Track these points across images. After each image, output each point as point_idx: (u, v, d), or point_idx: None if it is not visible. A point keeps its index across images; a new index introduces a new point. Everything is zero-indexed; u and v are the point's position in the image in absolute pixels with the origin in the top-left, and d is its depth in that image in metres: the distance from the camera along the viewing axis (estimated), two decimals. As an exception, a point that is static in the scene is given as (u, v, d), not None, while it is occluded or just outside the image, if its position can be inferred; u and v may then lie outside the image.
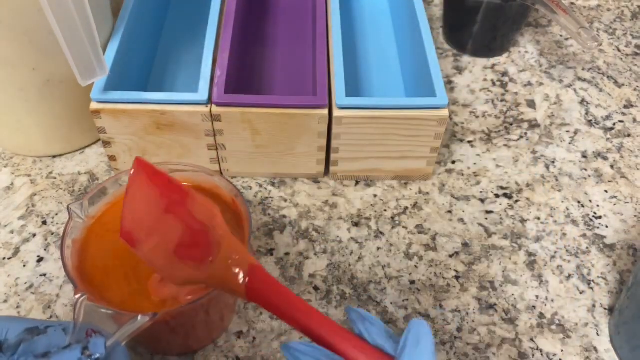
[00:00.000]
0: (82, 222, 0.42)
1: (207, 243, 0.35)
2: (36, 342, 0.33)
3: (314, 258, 0.51)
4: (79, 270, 0.39)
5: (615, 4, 0.78)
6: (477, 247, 0.52)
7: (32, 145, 0.56)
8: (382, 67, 0.63)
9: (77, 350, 0.31)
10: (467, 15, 0.66)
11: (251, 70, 0.62)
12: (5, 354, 0.32)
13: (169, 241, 0.36)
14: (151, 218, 0.36)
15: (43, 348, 0.32)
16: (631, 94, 0.66)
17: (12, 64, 0.48)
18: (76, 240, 0.41)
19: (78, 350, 0.31)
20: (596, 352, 0.46)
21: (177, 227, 0.36)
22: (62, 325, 0.34)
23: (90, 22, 0.44)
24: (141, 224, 0.36)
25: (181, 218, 0.36)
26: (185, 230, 0.36)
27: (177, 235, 0.36)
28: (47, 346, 0.33)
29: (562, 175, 0.58)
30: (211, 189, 0.44)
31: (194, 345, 0.45)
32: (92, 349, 0.32)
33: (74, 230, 0.41)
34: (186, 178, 0.45)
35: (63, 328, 0.34)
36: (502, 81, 0.67)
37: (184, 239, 0.36)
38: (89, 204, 0.42)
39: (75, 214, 0.41)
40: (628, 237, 0.54)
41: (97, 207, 0.43)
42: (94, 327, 0.33)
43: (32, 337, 0.33)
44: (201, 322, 0.42)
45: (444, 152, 0.59)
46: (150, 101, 0.50)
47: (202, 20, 0.59)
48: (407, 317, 0.47)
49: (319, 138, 0.52)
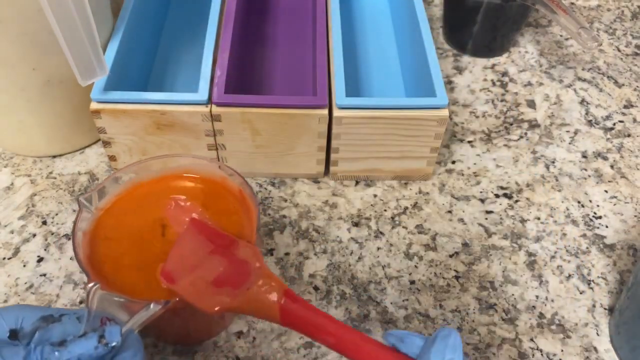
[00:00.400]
0: (91, 214, 0.42)
1: (245, 272, 0.37)
2: (51, 329, 0.33)
3: (314, 258, 0.51)
4: (90, 261, 0.40)
5: (615, 4, 0.78)
6: (477, 247, 0.52)
7: (33, 145, 0.56)
8: (382, 67, 0.63)
9: (93, 338, 0.32)
10: (467, 15, 0.66)
11: (251, 70, 0.62)
12: (22, 342, 0.33)
13: (209, 274, 0.37)
14: (195, 259, 0.38)
15: (58, 336, 0.33)
16: (631, 94, 0.66)
17: (12, 64, 0.48)
18: (86, 231, 0.42)
19: (95, 338, 0.32)
20: (596, 352, 0.46)
21: (219, 262, 0.38)
22: (76, 314, 0.35)
23: (90, 22, 0.44)
24: (184, 264, 0.38)
25: (223, 255, 0.38)
26: (226, 264, 0.38)
27: (217, 269, 0.38)
28: (62, 334, 0.33)
29: (562, 175, 0.58)
30: (220, 180, 0.45)
31: (204, 335, 0.45)
32: (108, 337, 0.32)
33: (84, 222, 0.42)
34: (195, 169, 0.45)
35: (77, 316, 0.34)
36: (502, 81, 0.67)
37: (224, 271, 0.38)
38: (99, 196, 0.43)
39: (85, 206, 0.42)
40: (628, 237, 0.54)
41: (106, 199, 0.43)
42: (108, 315, 0.34)
43: (47, 324, 0.33)
44: None
45: (444, 152, 0.59)
46: (150, 101, 0.50)
47: (202, 20, 0.59)
48: (407, 317, 0.47)
49: (319, 138, 0.52)
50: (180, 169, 0.45)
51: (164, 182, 0.45)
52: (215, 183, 0.45)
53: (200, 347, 0.45)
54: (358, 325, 0.47)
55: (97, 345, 0.32)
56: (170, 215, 0.43)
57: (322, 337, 0.35)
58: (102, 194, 0.43)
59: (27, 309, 0.34)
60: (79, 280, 0.49)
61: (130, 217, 0.43)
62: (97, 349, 0.32)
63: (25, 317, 0.33)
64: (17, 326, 0.33)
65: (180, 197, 0.44)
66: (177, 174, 0.45)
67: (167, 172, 0.45)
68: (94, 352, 0.32)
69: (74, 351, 0.32)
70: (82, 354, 0.32)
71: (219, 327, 0.46)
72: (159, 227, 0.43)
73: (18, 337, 0.33)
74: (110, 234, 0.42)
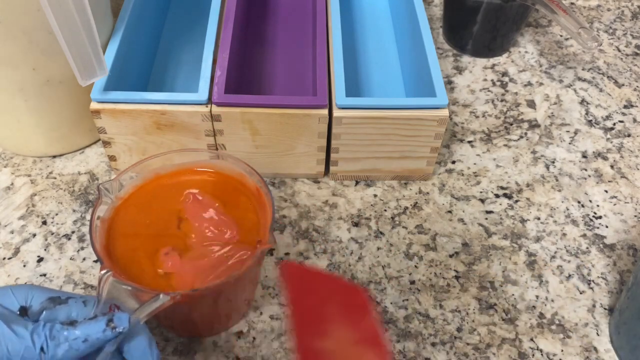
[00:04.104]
0: (110, 202, 0.43)
1: None
2: (57, 310, 0.35)
3: (314, 258, 0.51)
4: (106, 248, 0.41)
5: (615, 4, 0.78)
6: (477, 247, 0.52)
7: (33, 145, 0.56)
8: (382, 67, 0.63)
9: (102, 322, 0.33)
10: (467, 15, 0.66)
11: (251, 70, 0.62)
12: (31, 319, 0.34)
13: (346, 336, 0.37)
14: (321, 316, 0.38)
15: (63, 317, 0.35)
16: (631, 94, 0.66)
17: (12, 64, 0.48)
18: (104, 219, 0.42)
19: (103, 322, 0.33)
20: (596, 352, 0.46)
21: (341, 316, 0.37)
22: (83, 298, 0.36)
23: (90, 22, 0.44)
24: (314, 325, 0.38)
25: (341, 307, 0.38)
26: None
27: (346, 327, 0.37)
28: (67, 315, 0.35)
29: (562, 175, 0.58)
30: (238, 177, 0.45)
31: (214, 328, 0.46)
32: (116, 322, 0.34)
33: (103, 209, 0.42)
34: (214, 165, 0.46)
35: (83, 300, 0.36)
36: (502, 81, 0.67)
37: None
38: (119, 185, 0.43)
39: (105, 193, 0.42)
40: (628, 237, 0.54)
41: (125, 189, 0.44)
42: (117, 303, 0.36)
43: (53, 306, 0.35)
44: (224, 303, 0.43)
45: (444, 152, 0.59)
46: (150, 101, 0.50)
47: (202, 20, 0.59)
48: (407, 317, 0.47)
49: (319, 138, 0.52)
50: (199, 163, 0.46)
51: (182, 175, 0.46)
52: (233, 179, 0.45)
53: (200, 347, 0.45)
54: (358, 325, 0.47)
55: (105, 329, 0.33)
56: (187, 208, 0.44)
57: None
58: (122, 184, 0.43)
59: (36, 288, 0.36)
60: (79, 280, 0.49)
61: (147, 207, 0.44)
62: (105, 332, 0.33)
63: (35, 296, 0.35)
64: (26, 304, 0.35)
65: (197, 191, 0.45)
66: (195, 168, 0.46)
67: (186, 166, 0.46)
68: (102, 335, 0.33)
69: (82, 331, 0.33)
70: (90, 336, 0.33)
71: (241, 312, 0.47)
72: (175, 219, 0.43)
73: (27, 314, 0.34)
74: (126, 224, 0.43)
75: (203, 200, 0.44)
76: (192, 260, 0.41)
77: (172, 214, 0.44)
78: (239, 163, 0.45)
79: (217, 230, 0.42)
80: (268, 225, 0.41)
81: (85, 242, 0.51)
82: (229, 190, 0.45)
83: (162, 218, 0.43)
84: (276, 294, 0.48)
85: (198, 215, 0.43)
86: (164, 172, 0.45)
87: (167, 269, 0.40)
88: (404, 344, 0.46)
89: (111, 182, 0.42)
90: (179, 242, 0.42)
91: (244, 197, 0.45)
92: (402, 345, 0.46)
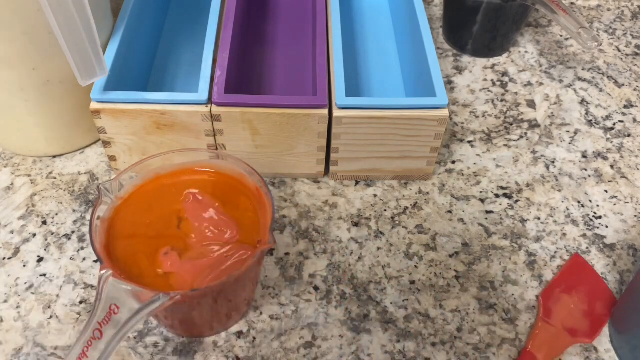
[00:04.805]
0: (110, 202, 0.43)
1: None
2: None
3: (314, 258, 0.51)
4: (106, 248, 0.41)
5: (615, 4, 0.78)
6: (477, 247, 0.52)
7: (32, 145, 0.56)
8: (382, 67, 0.63)
9: None
10: (467, 15, 0.66)
11: (251, 70, 0.62)
12: None
13: None
14: None
15: None
16: (631, 94, 0.66)
17: (12, 64, 0.48)
18: (104, 219, 0.42)
19: None
20: (596, 352, 0.46)
21: None
22: None
23: (90, 22, 0.44)
24: None
25: None
26: None
27: None
28: None
29: (562, 175, 0.58)
30: (238, 177, 0.45)
31: (214, 328, 0.46)
32: None
33: (103, 209, 0.42)
34: (214, 165, 0.46)
35: None
36: (502, 81, 0.67)
37: None
38: (119, 185, 0.43)
39: (105, 193, 0.42)
40: (628, 237, 0.54)
41: (125, 189, 0.44)
42: (117, 303, 0.36)
43: None
44: (224, 303, 0.43)
45: (444, 152, 0.59)
46: (150, 101, 0.50)
47: (202, 20, 0.59)
48: (407, 317, 0.47)
49: (319, 138, 0.52)
50: (199, 163, 0.46)
51: (182, 175, 0.46)
52: (233, 179, 0.45)
53: (200, 347, 0.45)
54: (358, 326, 0.47)
55: None
56: (187, 208, 0.44)
57: None
58: (122, 184, 0.43)
59: None
60: (79, 280, 0.49)
61: (147, 207, 0.44)
62: None
63: None
64: None
65: (197, 191, 0.45)
66: (195, 168, 0.46)
67: (186, 166, 0.46)
68: None
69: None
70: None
71: (239, 313, 0.47)
72: (175, 219, 0.43)
73: None
74: (126, 224, 0.43)
75: (203, 200, 0.44)
76: (192, 260, 0.41)
77: (172, 214, 0.44)
78: (239, 163, 0.45)
79: (217, 230, 0.42)
80: (268, 225, 0.41)
81: (85, 242, 0.51)
82: (229, 190, 0.45)
83: (162, 218, 0.43)
84: (276, 294, 0.48)
85: (198, 215, 0.43)
86: (164, 172, 0.45)
87: (166, 269, 0.40)
88: (404, 344, 0.46)
89: (111, 182, 0.42)
90: (178, 242, 0.42)
91: (244, 197, 0.45)
92: (402, 345, 0.46)
